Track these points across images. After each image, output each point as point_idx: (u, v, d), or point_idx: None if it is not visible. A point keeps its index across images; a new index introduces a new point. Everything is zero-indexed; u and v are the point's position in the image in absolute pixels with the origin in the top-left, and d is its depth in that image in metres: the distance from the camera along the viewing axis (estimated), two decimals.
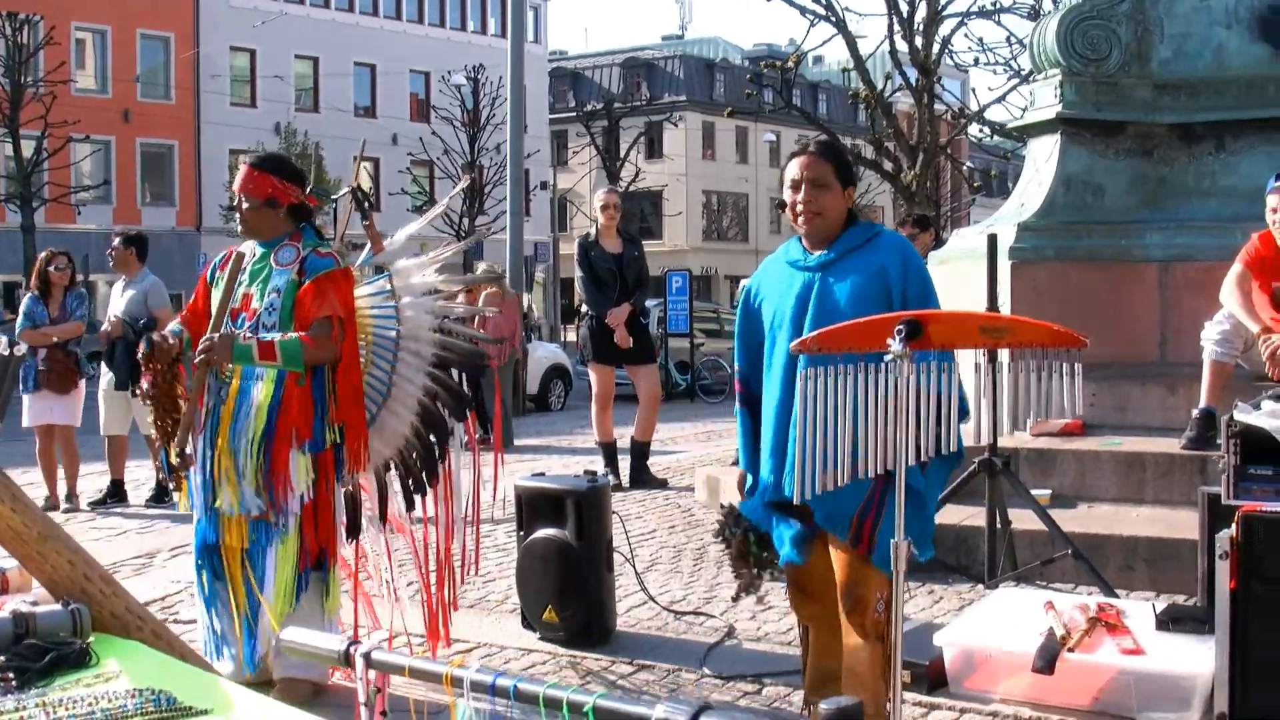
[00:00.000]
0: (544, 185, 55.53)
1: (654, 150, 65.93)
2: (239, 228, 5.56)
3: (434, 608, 5.88)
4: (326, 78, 53.90)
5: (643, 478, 11.12)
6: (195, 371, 5.36)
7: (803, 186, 4.56)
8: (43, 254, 10.98)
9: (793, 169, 4.62)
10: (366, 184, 52.96)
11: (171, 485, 5.63)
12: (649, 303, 13.57)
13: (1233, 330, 7.40)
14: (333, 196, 6.37)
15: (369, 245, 5.81)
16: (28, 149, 37.63)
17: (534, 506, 6.47)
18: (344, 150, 48.69)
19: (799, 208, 4.58)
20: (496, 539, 8.84)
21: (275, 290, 5.38)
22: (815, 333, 4.21)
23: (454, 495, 5.79)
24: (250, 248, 5.59)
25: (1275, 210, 7.17)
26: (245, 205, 5.49)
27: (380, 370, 5.57)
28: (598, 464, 11.29)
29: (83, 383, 10.58)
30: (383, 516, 5.73)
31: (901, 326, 3.87)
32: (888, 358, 3.91)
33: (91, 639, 2.83)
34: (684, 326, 25.10)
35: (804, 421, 4.16)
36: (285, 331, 5.29)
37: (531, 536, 6.40)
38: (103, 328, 10.47)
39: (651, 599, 6.93)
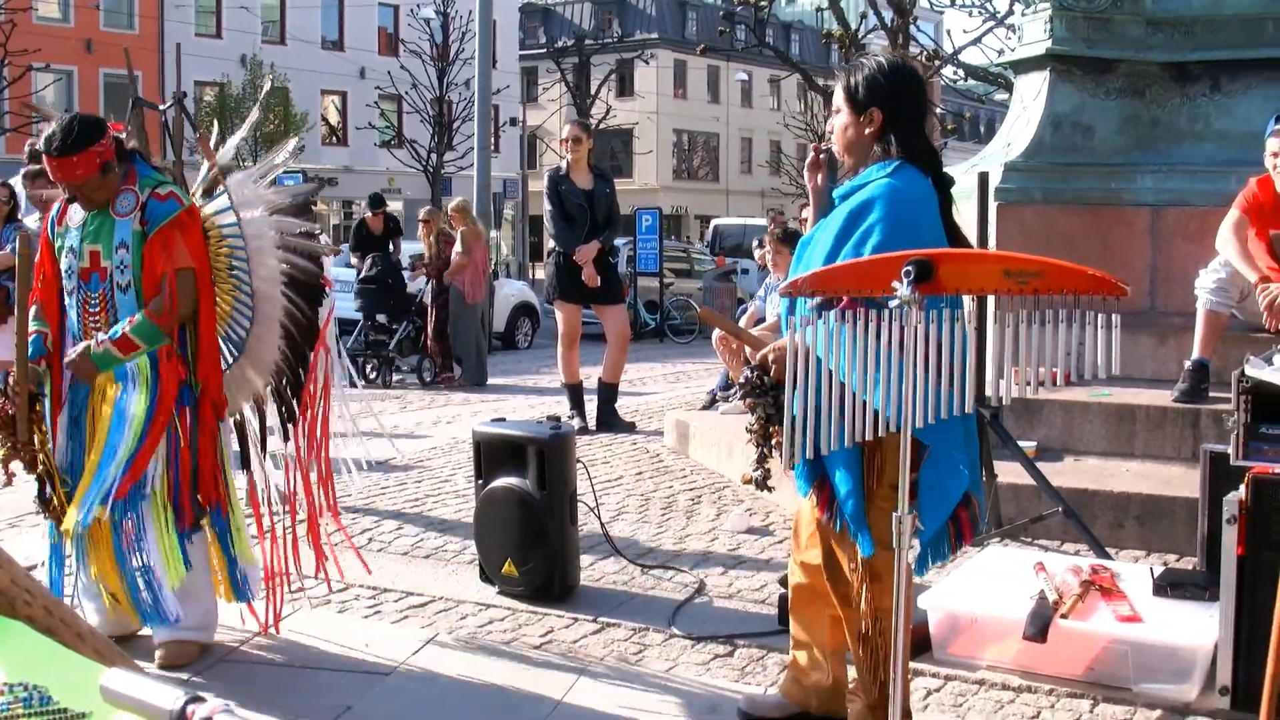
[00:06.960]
0: (513, 121, 54.99)
1: (625, 88, 65.28)
2: (83, 208, 5.10)
3: (319, 546, 5.58)
4: (294, 9, 52.79)
5: (610, 420, 10.83)
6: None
7: None
8: None
9: None
10: (334, 118, 52.32)
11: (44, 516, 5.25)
12: (618, 241, 13.16)
13: (1229, 279, 7.12)
14: (161, 109, 6.00)
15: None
16: None
17: (493, 454, 6.10)
18: (311, 84, 47.79)
19: None
20: (456, 484, 8.53)
21: (123, 245, 5.00)
22: (807, 273, 3.66)
23: (320, 421, 5.47)
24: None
25: (1276, 155, 6.88)
26: (84, 188, 5.00)
27: (243, 293, 5.19)
28: (564, 405, 11.03)
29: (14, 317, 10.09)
30: (263, 447, 5.49)
31: (910, 268, 3.34)
32: (893, 303, 3.36)
33: None
34: (653, 266, 24.76)
35: (794, 376, 3.56)
36: (139, 287, 4.98)
37: (490, 486, 6.05)
38: None
39: (618, 552, 6.60)
